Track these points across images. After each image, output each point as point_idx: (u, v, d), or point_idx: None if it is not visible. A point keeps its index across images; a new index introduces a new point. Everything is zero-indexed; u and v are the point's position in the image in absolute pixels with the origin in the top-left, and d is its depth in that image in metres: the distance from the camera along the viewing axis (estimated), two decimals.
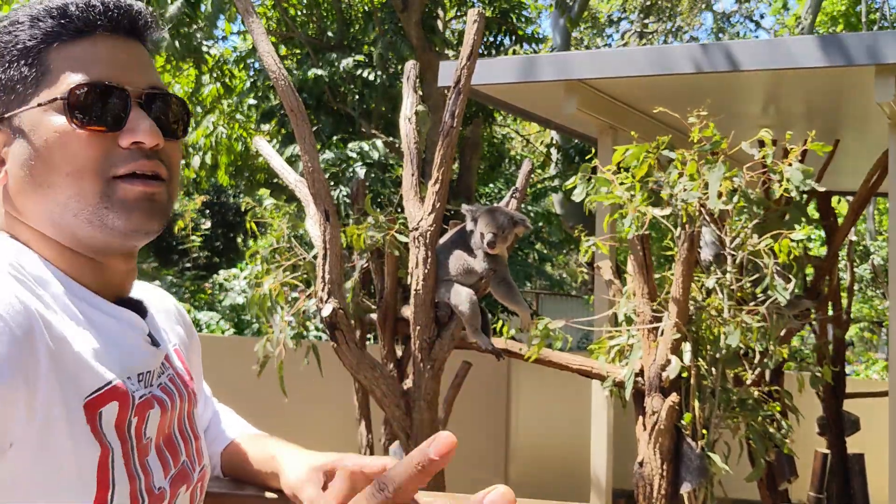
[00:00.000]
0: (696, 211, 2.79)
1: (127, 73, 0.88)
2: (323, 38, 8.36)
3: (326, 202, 2.73)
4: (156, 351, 0.93)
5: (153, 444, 0.88)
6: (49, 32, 0.86)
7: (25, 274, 0.82)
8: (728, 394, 3.01)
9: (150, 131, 0.87)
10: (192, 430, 0.99)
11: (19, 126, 0.86)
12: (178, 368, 1.00)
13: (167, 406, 0.92)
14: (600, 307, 4.36)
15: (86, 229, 0.86)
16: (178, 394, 0.96)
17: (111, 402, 0.81)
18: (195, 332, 1.15)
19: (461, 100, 2.80)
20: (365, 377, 2.73)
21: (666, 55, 3.98)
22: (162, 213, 0.89)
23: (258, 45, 2.74)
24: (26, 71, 0.86)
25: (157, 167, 0.88)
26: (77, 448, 0.77)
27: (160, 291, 1.10)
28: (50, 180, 0.85)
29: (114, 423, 0.82)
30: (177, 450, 0.93)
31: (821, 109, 4.83)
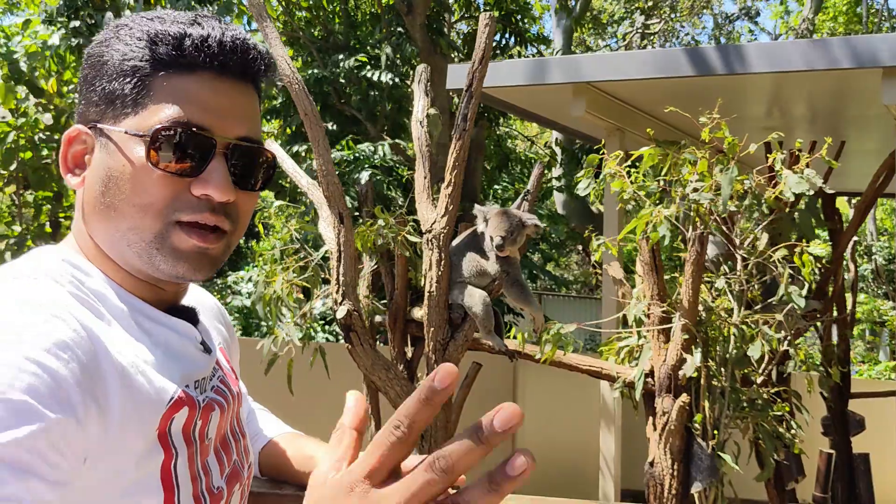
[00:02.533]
0: (707, 212, 2.81)
1: (221, 120, 0.86)
2: (329, 40, 8.39)
3: (340, 205, 2.75)
4: (208, 357, 0.94)
5: (213, 445, 0.91)
6: (161, 59, 0.85)
7: (86, 290, 0.83)
8: (738, 394, 3.03)
9: (222, 186, 0.86)
10: (240, 430, 1.01)
11: (106, 141, 0.86)
12: (226, 369, 1.03)
13: (224, 407, 0.94)
14: (608, 308, 4.38)
15: (135, 261, 0.87)
16: (230, 394, 0.98)
17: (182, 409, 0.84)
18: (234, 329, 1.18)
19: (473, 103, 2.82)
20: (379, 378, 2.75)
21: (673, 58, 4.00)
22: (211, 265, 0.89)
23: (272, 48, 2.76)
24: (128, 90, 0.85)
25: (221, 221, 0.87)
26: (146, 456, 0.79)
27: (200, 290, 1.11)
28: (117, 205, 0.85)
29: (181, 428, 0.84)
30: (230, 449, 0.96)
31: (826, 111, 4.85)
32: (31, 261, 0.85)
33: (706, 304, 3.09)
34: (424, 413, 0.57)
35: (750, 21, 18.52)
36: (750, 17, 18.43)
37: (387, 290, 3.32)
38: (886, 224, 16.74)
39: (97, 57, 0.88)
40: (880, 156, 3.88)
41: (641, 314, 3.20)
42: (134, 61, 0.86)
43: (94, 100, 0.87)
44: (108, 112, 0.87)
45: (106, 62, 0.87)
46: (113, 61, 0.86)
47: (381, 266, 3.31)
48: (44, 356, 0.70)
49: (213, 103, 0.86)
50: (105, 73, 0.87)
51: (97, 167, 0.87)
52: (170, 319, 0.90)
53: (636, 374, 3.11)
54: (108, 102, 0.87)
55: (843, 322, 4.58)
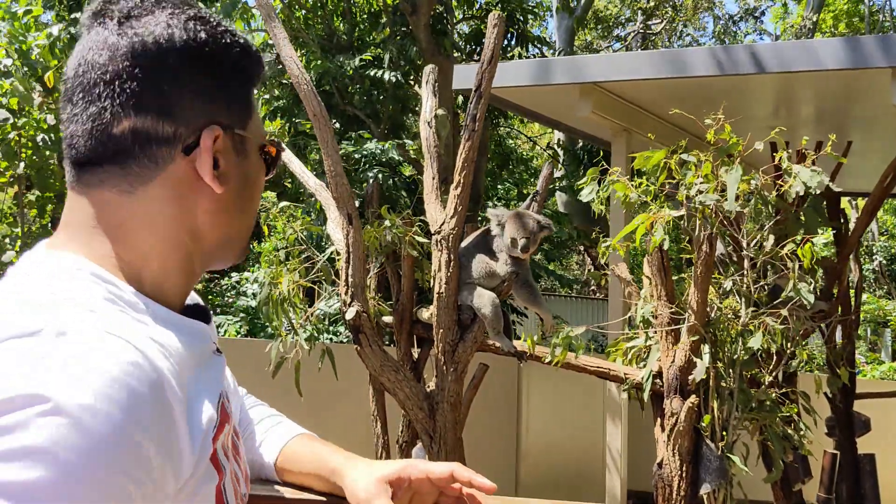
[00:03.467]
0: (713, 213, 2.81)
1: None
2: (332, 40, 8.38)
3: (349, 206, 2.74)
4: (221, 357, 0.91)
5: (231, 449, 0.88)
6: (254, 73, 0.89)
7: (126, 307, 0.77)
8: (746, 395, 3.02)
9: None
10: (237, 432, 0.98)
11: (240, 144, 0.87)
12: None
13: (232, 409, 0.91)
14: (615, 309, 4.37)
15: (225, 257, 0.91)
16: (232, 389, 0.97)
17: (226, 425, 0.82)
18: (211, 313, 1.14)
19: (482, 103, 2.81)
20: (388, 379, 2.75)
21: (680, 58, 3.99)
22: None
23: (280, 49, 2.75)
24: (244, 97, 0.87)
25: None
26: (203, 483, 0.77)
27: None
28: (247, 208, 0.89)
29: (222, 443, 0.82)
30: (239, 449, 0.93)
31: (833, 111, 4.84)
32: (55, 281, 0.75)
33: (714, 304, 3.08)
34: None
35: (754, 21, 18.52)
36: (755, 18, 18.42)
37: (393, 291, 3.31)
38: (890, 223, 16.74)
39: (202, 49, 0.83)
40: (888, 156, 3.87)
41: (649, 315, 3.19)
42: (244, 67, 0.87)
43: (218, 100, 0.84)
44: (232, 114, 0.86)
45: (220, 61, 0.84)
46: (228, 61, 0.85)
47: (387, 267, 3.30)
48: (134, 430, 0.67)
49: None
50: (220, 71, 0.84)
51: (237, 170, 0.87)
52: (193, 324, 0.86)
53: (645, 375, 3.11)
54: (236, 106, 0.86)
55: (848, 323, 4.57)
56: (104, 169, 0.80)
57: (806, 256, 2.71)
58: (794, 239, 2.83)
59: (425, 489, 1.01)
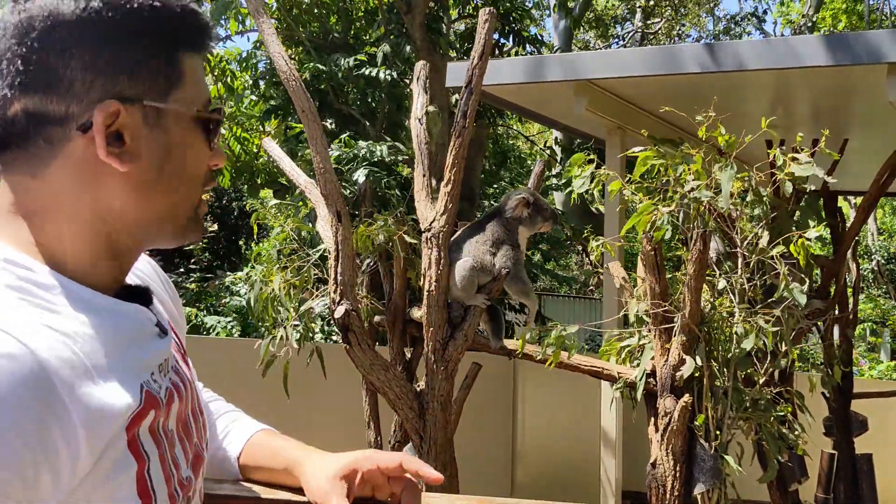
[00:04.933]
0: (706, 210, 2.78)
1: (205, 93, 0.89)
2: (327, 39, 8.36)
3: (338, 203, 2.71)
4: (166, 340, 0.88)
5: (175, 433, 0.86)
6: (187, 38, 0.84)
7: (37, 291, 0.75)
8: (741, 394, 3.00)
9: (223, 155, 0.91)
10: (199, 408, 0.97)
11: (156, 118, 0.81)
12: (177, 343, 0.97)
13: (182, 392, 0.89)
14: (609, 308, 4.34)
15: (159, 237, 0.87)
16: (186, 372, 0.94)
17: (149, 412, 0.79)
18: (176, 291, 1.11)
19: (473, 99, 2.79)
20: (378, 379, 2.72)
21: (675, 55, 3.97)
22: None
23: (269, 45, 2.73)
24: (162, 66, 0.81)
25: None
26: (116, 470, 0.74)
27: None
28: (174, 181, 0.84)
29: (148, 428, 0.79)
30: (191, 433, 0.91)
31: (829, 109, 4.82)
32: None
33: (708, 303, 3.06)
34: None
35: (757, 21, 18.50)
36: (757, 18, 18.41)
37: (385, 291, 3.29)
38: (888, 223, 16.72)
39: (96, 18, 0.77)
40: (884, 154, 3.85)
41: (643, 314, 3.16)
42: (164, 35, 0.82)
43: (118, 72, 0.78)
44: (141, 85, 0.80)
45: (121, 29, 0.78)
46: (133, 28, 0.79)
47: (379, 266, 3.27)
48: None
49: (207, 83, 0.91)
50: (120, 40, 0.78)
51: (152, 145, 0.82)
52: (121, 306, 0.83)
53: (638, 374, 3.08)
54: (146, 76, 0.80)
55: (845, 322, 4.55)
56: (11, 152, 0.79)
57: (800, 254, 2.68)
58: (790, 236, 2.81)
59: (379, 481, 1.02)
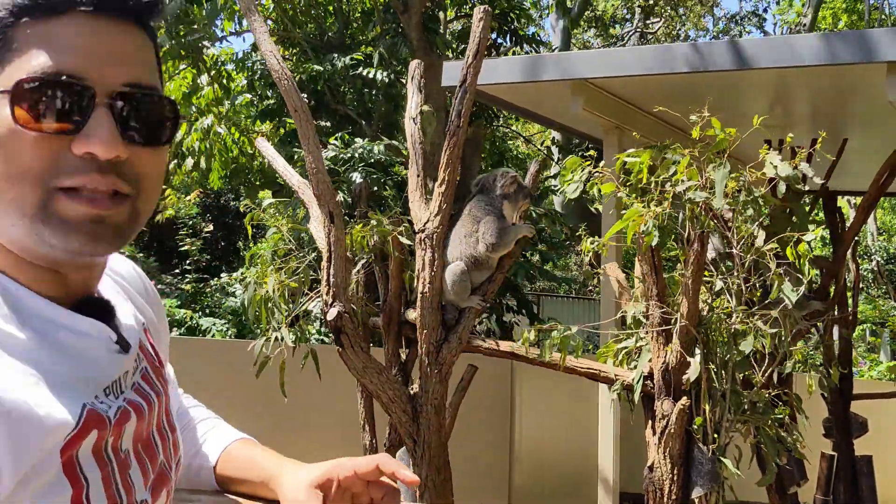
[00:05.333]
0: (701, 211, 2.75)
1: (100, 65, 0.74)
2: (323, 39, 8.33)
3: (331, 204, 2.68)
4: (124, 357, 0.82)
5: (132, 454, 0.81)
6: (19, 5, 0.73)
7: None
8: (739, 397, 2.97)
9: (106, 140, 0.73)
10: (168, 425, 0.91)
11: None
12: (151, 355, 0.91)
13: (143, 411, 0.83)
14: (607, 309, 4.31)
15: (25, 241, 0.75)
16: (154, 391, 0.87)
17: (90, 433, 0.73)
18: (159, 297, 1.04)
19: (467, 99, 2.75)
20: (371, 382, 2.68)
21: (672, 53, 3.94)
22: (114, 235, 0.76)
23: (260, 44, 2.69)
24: None
25: (114, 183, 0.74)
26: (49, 495, 0.69)
27: (119, 260, 0.98)
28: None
29: (91, 450, 0.74)
30: (155, 452, 0.86)
31: (828, 108, 4.79)
32: None
33: (706, 304, 3.03)
34: None
35: (757, 20, 18.49)
36: (757, 16, 18.41)
37: (381, 292, 3.26)
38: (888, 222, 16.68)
39: None
40: (884, 154, 3.82)
41: (640, 315, 3.13)
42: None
43: None
44: None
45: None
46: None
47: (375, 267, 3.24)
48: None
49: (88, 46, 0.74)
50: None
51: None
52: (76, 319, 0.78)
53: (635, 376, 3.05)
54: None
55: (844, 322, 4.52)
56: None
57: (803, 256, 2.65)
58: (785, 237, 2.78)
59: (358, 487, 0.98)
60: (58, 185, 0.73)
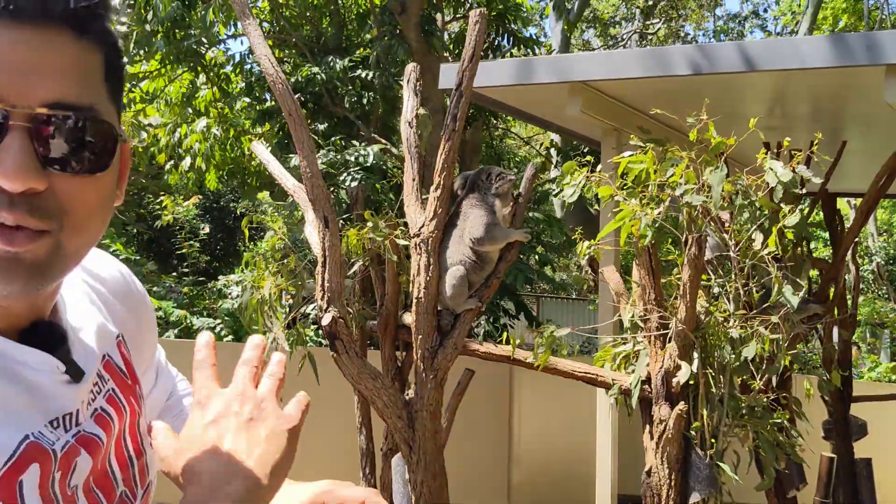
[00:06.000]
0: (698, 214, 2.73)
1: (18, 81, 0.64)
2: (319, 41, 8.31)
3: (325, 208, 2.66)
4: (78, 386, 0.77)
5: (80, 491, 0.75)
6: None
7: None
8: (737, 401, 2.95)
9: (14, 172, 0.63)
10: (134, 449, 0.85)
11: None
12: (121, 371, 0.86)
13: (101, 443, 0.78)
14: (604, 312, 4.29)
15: None
16: (118, 413, 0.82)
17: (30, 465, 0.68)
18: (147, 300, 0.98)
19: (463, 102, 2.74)
20: (366, 387, 2.66)
21: (670, 56, 3.92)
22: (31, 273, 0.67)
23: (255, 47, 2.68)
24: None
25: (24, 220, 0.65)
26: None
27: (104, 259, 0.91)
28: None
29: (37, 487, 0.68)
30: (111, 483, 0.80)
31: (827, 110, 4.77)
32: None
33: (704, 308, 3.01)
34: None
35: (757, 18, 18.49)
36: (757, 15, 18.41)
37: (377, 296, 3.24)
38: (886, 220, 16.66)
39: None
40: (883, 156, 3.80)
41: (638, 319, 3.11)
42: None
43: None
44: None
45: None
46: None
47: (371, 270, 3.22)
48: None
49: (4, 61, 0.63)
50: None
51: None
52: (20, 351, 0.72)
53: (633, 380, 3.03)
54: None
55: (844, 324, 4.50)
56: None
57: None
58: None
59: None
60: None
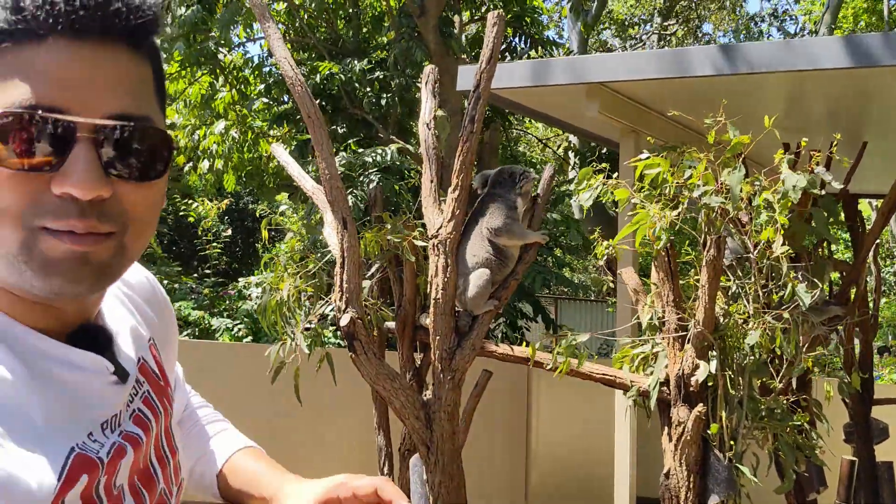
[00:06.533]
0: (717, 215, 2.72)
1: (83, 96, 0.68)
2: (338, 44, 8.35)
3: (344, 209, 2.67)
4: (122, 388, 0.79)
5: (126, 489, 0.77)
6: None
7: None
8: (756, 403, 2.94)
9: (84, 182, 0.68)
10: (169, 448, 0.88)
11: None
12: (154, 374, 0.88)
13: (141, 441, 0.80)
14: (623, 314, 4.28)
15: (9, 280, 0.71)
16: (154, 414, 0.84)
17: (78, 481, 0.70)
18: (170, 306, 1.02)
19: (481, 104, 2.74)
20: (384, 388, 2.68)
21: (685, 57, 3.91)
22: (98, 274, 0.72)
23: (274, 50, 2.70)
24: None
25: (95, 226, 0.69)
26: None
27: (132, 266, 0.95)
28: None
29: (80, 495, 0.70)
30: (153, 481, 0.82)
31: (847, 111, 4.74)
32: None
33: (723, 309, 3.00)
34: None
35: (777, 20, 18.35)
36: (776, 17, 18.27)
37: (395, 297, 3.25)
38: None
39: None
40: None
41: (656, 321, 3.11)
42: None
43: None
44: None
45: None
46: None
47: (389, 272, 3.24)
48: None
49: (69, 76, 0.68)
50: None
51: None
52: (69, 352, 0.75)
53: (651, 382, 3.03)
54: None
55: (865, 326, 4.46)
56: None
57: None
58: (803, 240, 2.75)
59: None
60: (41, 224, 0.68)
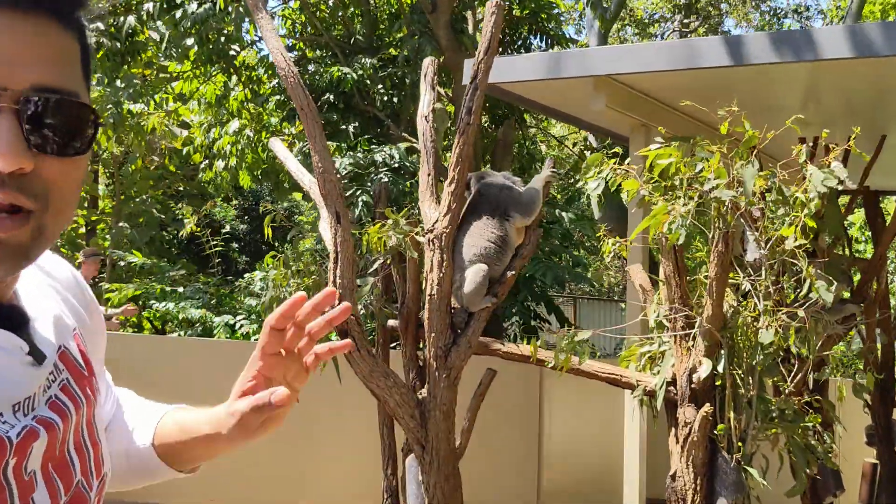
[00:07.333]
0: (727, 210, 2.63)
1: (7, 65, 0.67)
2: (351, 41, 8.32)
3: (337, 203, 2.62)
4: (38, 370, 0.77)
5: (38, 474, 0.75)
6: None
7: None
8: (765, 404, 2.84)
9: (5, 153, 0.66)
10: (90, 439, 0.85)
11: None
12: (77, 363, 0.85)
13: (57, 427, 0.77)
14: (632, 313, 4.19)
15: None
16: (74, 403, 0.81)
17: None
18: (97, 305, 0.99)
19: (478, 95, 2.67)
20: (377, 386, 2.62)
21: (695, 48, 3.81)
22: (14, 256, 0.70)
23: (267, 41, 2.65)
24: None
25: (14, 198, 0.68)
26: None
27: (56, 259, 0.93)
28: None
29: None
30: (69, 471, 0.79)
31: (865, 104, 4.61)
32: None
33: (732, 307, 2.90)
34: None
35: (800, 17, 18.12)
36: (798, 13, 18.04)
37: (398, 294, 3.19)
38: None
39: None
40: None
41: (663, 319, 3.02)
42: None
43: None
44: None
45: None
46: None
47: (393, 269, 3.18)
48: None
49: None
50: None
51: None
52: None
53: (658, 382, 2.94)
54: None
55: (886, 325, 4.34)
56: None
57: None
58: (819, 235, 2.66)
59: (278, 367, 0.92)
60: None
